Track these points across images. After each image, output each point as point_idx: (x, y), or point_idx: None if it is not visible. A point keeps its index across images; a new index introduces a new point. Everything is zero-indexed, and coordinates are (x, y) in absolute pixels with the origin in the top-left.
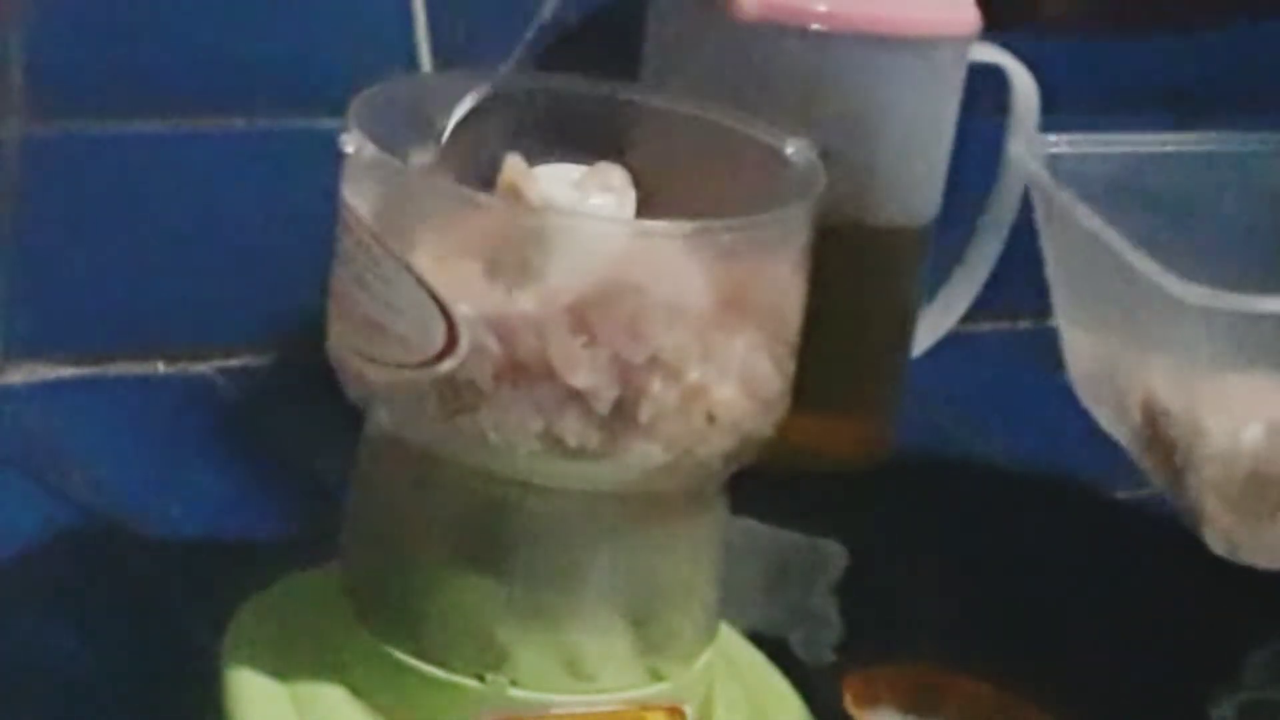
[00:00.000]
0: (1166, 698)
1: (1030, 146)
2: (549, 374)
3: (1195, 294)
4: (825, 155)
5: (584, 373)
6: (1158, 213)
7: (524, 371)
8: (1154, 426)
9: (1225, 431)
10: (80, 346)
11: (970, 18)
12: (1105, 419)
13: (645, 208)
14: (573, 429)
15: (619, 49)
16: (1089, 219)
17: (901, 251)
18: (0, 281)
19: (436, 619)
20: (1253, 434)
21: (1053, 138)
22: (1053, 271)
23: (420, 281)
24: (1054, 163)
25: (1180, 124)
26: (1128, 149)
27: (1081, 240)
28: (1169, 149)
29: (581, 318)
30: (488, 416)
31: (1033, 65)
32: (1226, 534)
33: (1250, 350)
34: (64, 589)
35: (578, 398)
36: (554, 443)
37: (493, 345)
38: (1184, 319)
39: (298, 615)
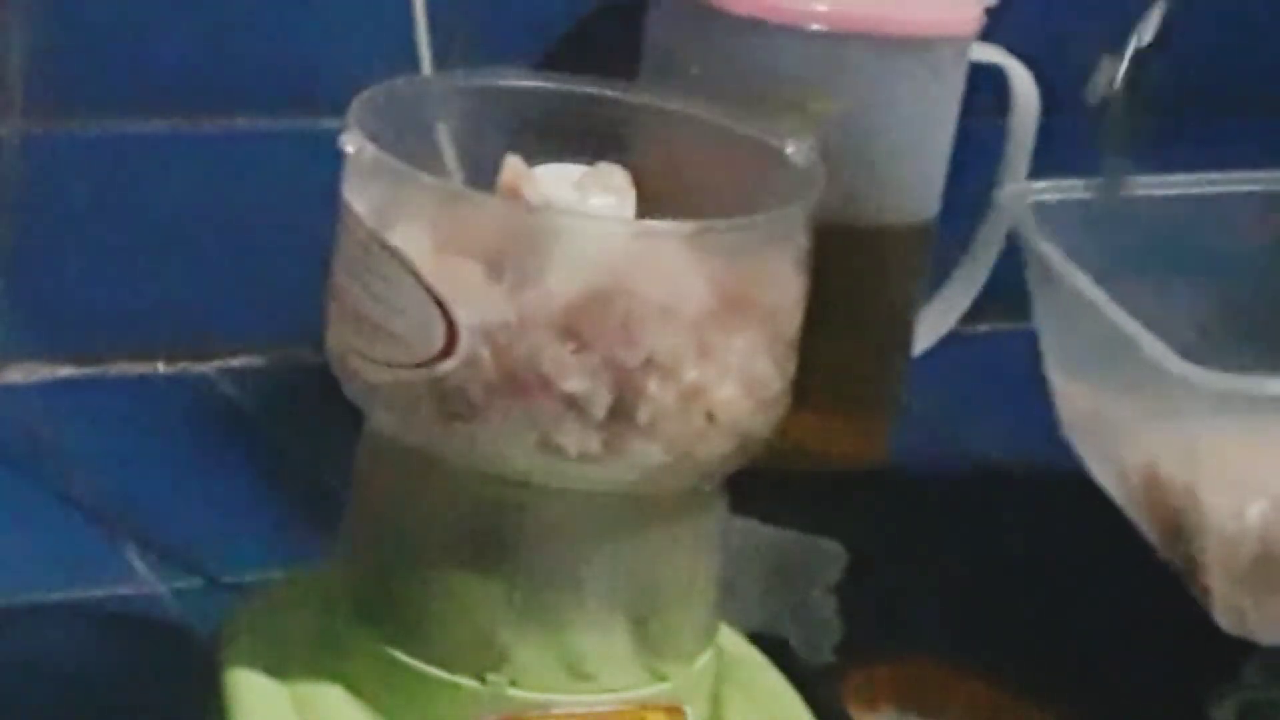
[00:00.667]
0: (1166, 698)
1: (1017, 197)
2: (543, 383)
3: (1204, 378)
4: (825, 155)
5: (576, 378)
6: (1141, 259)
7: (517, 382)
8: (1155, 496)
9: (1229, 509)
10: (80, 346)
11: (970, 17)
12: (1098, 470)
13: (645, 208)
14: (571, 436)
15: (619, 49)
16: (1091, 290)
17: (901, 251)
18: (0, 281)
19: (437, 619)
20: (1258, 511)
21: (1039, 184)
22: (1043, 324)
23: (420, 281)
24: (1039, 210)
25: (1179, 124)
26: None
27: (1079, 305)
28: (1152, 193)
29: (570, 324)
30: (483, 427)
31: (1033, 65)
32: (1235, 610)
33: (1257, 427)
34: (64, 589)
35: (573, 405)
36: (553, 450)
37: (485, 356)
38: (1188, 398)
39: (298, 615)
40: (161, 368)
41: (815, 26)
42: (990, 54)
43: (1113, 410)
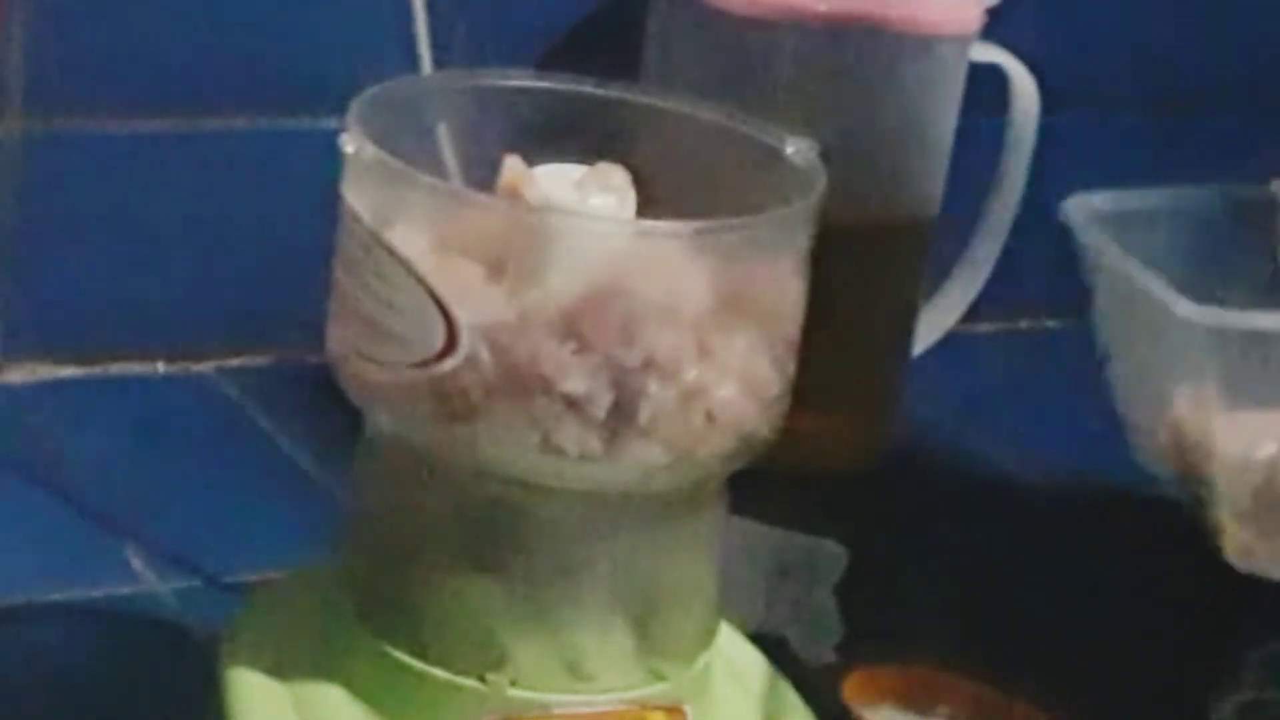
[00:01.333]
0: (1166, 698)
1: (1080, 203)
2: (543, 384)
3: (1199, 313)
4: (825, 154)
5: (576, 379)
6: (1201, 265)
7: (518, 383)
8: (1179, 451)
9: (1237, 448)
10: (80, 346)
11: (971, 17)
12: (1147, 454)
13: (645, 208)
14: (571, 436)
15: (619, 49)
16: (1116, 256)
17: (901, 250)
18: (0, 281)
19: (437, 619)
20: (1265, 451)
21: (1098, 197)
22: (1099, 319)
23: (420, 281)
24: (1099, 218)
25: (1179, 123)
26: (1168, 203)
27: (1116, 283)
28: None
29: (570, 324)
30: (483, 427)
31: (1033, 65)
32: (1243, 547)
33: (1257, 368)
34: (64, 589)
35: (574, 405)
36: (553, 450)
37: (485, 356)
38: (1193, 340)
39: (298, 615)
40: (161, 368)
41: (815, 25)
42: (990, 54)
43: (1147, 382)
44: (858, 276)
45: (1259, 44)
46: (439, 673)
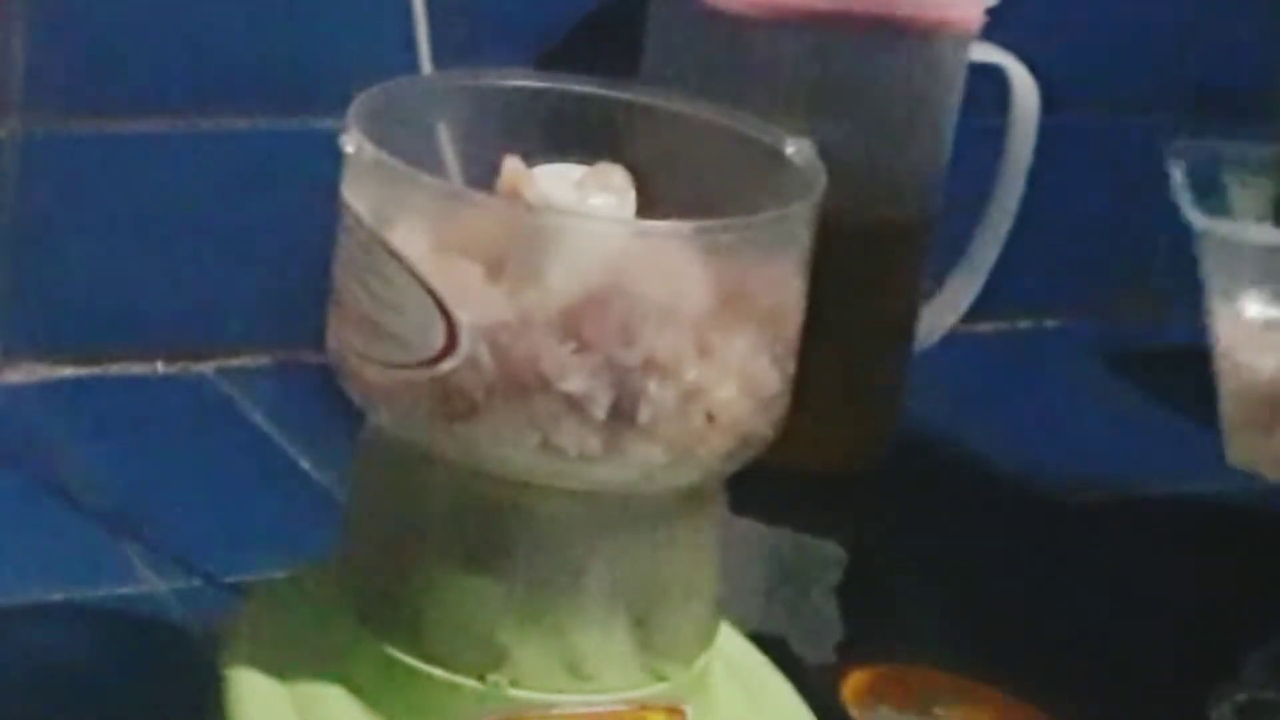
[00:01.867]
0: (1166, 698)
1: (1182, 148)
2: (543, 383)
3: (1205, 224)
4: (825, 154)
5: (576, 378)
6: None
7: (517, 383)
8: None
9: (1245, 354)
10: (80, 346)
11: (971, 15)
12: None
13: (645, 208)
14: (571, 436)
15: (619, 49)
16: (1179, 177)
17: (902, 249)
18: (0, 281)
19: (436, 619)
20: (1270, 362)
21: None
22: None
23: (420, 282)
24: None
25: (1180, 123)
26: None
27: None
28: None
29: (570, 324)
30: (484, 428)
31: (1033, 65)
32: (1244, 448)
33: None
34: (64, 589)
35: (574, 405)
36: (553, 450)
37: (485, 356)
38: (1209, 252)
39: (298, 615)
40: (161, 368)
41: (815, 25)
42: (990, 54)
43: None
44: (858, 276)
45: (1258, 44)
46: (439, 673)
